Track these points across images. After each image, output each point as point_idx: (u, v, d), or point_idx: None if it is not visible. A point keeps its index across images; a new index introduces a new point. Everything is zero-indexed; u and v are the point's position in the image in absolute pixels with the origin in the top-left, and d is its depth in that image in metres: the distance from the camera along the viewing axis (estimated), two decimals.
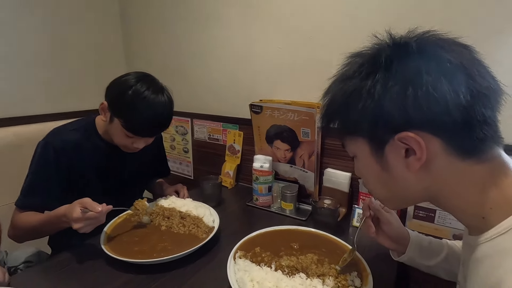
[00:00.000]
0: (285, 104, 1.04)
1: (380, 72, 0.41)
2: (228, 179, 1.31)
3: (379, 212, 0.67)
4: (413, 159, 0.41)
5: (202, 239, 0.81)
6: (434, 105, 0.38)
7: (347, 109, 0.44)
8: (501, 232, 0.38)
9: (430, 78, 0.38)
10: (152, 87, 0.87)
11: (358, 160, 0.50)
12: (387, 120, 0.41)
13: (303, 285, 0.61)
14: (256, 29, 1.17)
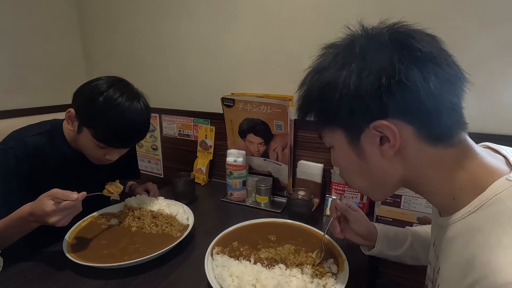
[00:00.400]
0: (258, 97, 1.04)
1: (355, 62, 0.41)
2: (201, 175, 1.28)
3: (347, 211, 0.69)
4: (387, 146, 0.42)
5: (176, 237, 0.78)
6: (406, 93, 0.39)
7: (323, 100, 0.45)
8: (471, 211, 0.40)
9: (402, 67, 0.39)
10: (127, 93, 0.80)
11: (335, 151, 0.50)
12: (363, 109, 0.41)
13: (283, 275, 0.61)
14: (225, 21, 1.14)
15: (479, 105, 0.81)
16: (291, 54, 1.05)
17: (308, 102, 0.48)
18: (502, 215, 0.36)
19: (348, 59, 0.42)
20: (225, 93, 1.14)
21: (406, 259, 0.71)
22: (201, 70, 1.25)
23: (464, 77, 0.42)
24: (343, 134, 0.46)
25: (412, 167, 0.44)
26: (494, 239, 0.34)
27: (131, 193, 1.03)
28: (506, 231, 0.34)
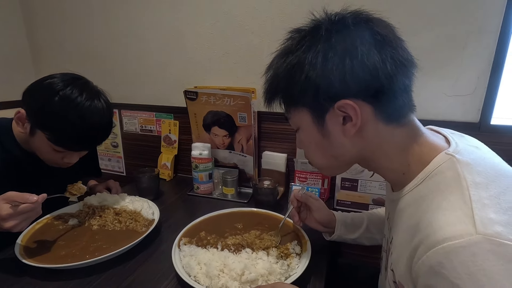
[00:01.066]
0: (221, 89, 1.04)
1: (320, 44, 0.44)
2: (166, 171, 1.25)
3: (308, 200, 0.74)
4: (349, 125, 0.46)
5: (142, 232, 0.77)
6: (367, 74, 0.42)
7: (290, 81, 0.46)
8: (418, 183, 0.45)
9: (364, 49, 0.42)
10: (86, 91, 0.74)
11: (301, 131, 0.52)
12: (328, 90, 0.44)
13: (249, 258, 0.64)
14: (185, 13, 1.12)
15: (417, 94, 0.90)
16: (252, 47, 1.07)
17: (276, 85, 0.50)
18: (442, 184, 0.41)
19: (314, 42, 0.44)
20: (187, 87, 1.12)
21: (363, 241, 0.77)
22: (161, 63, 1.22)
23: (414, 62, 0.46)
24: (309, 115, 0.48)
25: (369, 145, 0.48)
26: (435, 204, 0.39)
27: (91, 193, 0.98)
28: (445, 196, 0.38)
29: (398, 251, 0.47)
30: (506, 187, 0.38)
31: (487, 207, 0.35)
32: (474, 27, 0.84)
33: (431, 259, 0.35)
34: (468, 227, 0.33)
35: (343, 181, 1.06)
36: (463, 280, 0.32)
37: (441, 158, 0.43)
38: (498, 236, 0.32)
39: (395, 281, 0.48)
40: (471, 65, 0.87)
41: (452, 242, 0.33)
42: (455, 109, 0.92)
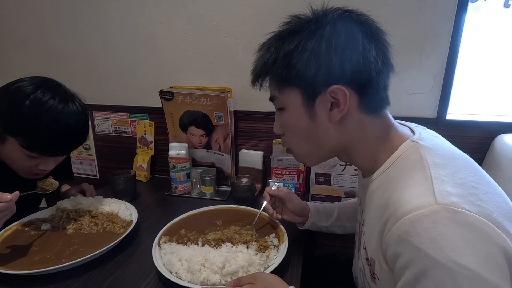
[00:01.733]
0: (197, 89, 1.05)
1: (326, 31, 0.47)
2: (142, 172, 1.24)
3: (280, 193, 0.79)
4: (336, 111, 0.49)
5: (120, 234, 0.76)
6: (363, 66, 0.47)
7: (289, 62, 0.48)
8: (386, 167, 0.50)
9: (365, 43, 0.47)
10: (58, 94, 0.72)
11: (287, 112, 0.53)
12: (325, 75, 0.47)
13: (230, 252, 0.66)
14: (158, 13, 1.12)
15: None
16: (226, 48, 1.09)
17: (270, 64, 0.50)
18: (408, 166, 0.46)
19: (318, 28, 0.47)
20: (163, 87, 1.12)
21: (335, 229, 0.83)
22: (134, 64, 1.20)
23: (393, 65, 0.51)
24: (300, 96, 0.50)
25: (349, 132, 0.52)
26: (402, 183, 0.44)
27: (64, 197, 0.95)
28: (410, 176, 0.44)
29: (370, 229, 0.52)
30: (459, 167, 0.44)
31: (445, 183, 0.40)
32: (429, 31, 0.92)
33: (399, 229, 0.39)
34: (429, 199, 0.39)
35: (317, 176, 1.11)
36: (425, 244, 0.36)
37: (407, 145, 0.49)
38: (454, 205, 0.37)
39: (367, 258, 0.53)
40: (428, 66, 0.96)
41: (416, 212, 0.38)
42: (415, 105, 1.00)
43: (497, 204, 0.39)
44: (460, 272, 0.34)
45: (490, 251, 0.35)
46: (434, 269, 0.36)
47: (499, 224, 0.37)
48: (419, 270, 0.37)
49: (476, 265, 0.34)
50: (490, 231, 0.36)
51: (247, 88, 1.11)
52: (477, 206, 0.37)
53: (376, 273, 0.50)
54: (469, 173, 0.43)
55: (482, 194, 0.40)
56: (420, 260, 0.37)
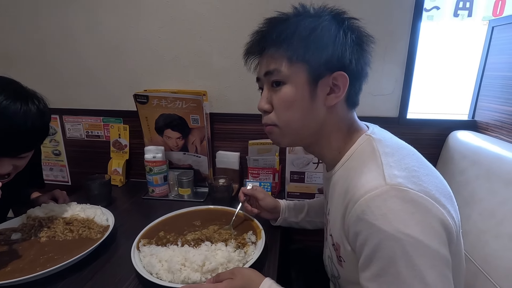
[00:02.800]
0: (172, 93, 1.06)
1: (345, 24, 0.53)
2: (118, 176, 1.22)
3: (254, 191, 0.84)
4: (333, 96, 0.53)
5: (97, 239, 0.76)
6: (364, 64, 0.54)
7: (308, 38, 0.51)
8: (346, 159, 0.56)
9: (366, 46, 0.55)
10: (14, 93, 0.69)
11: (287, 87, 0.54)
12: (337, 59, 0.51)
13: (209, 250, 0.68)
14: (129, 17, 1.11)
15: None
16: (201, 52, 1.11)
17: (289, 35, 0.52)
18: (363, 156, 0.53)
19: (337, 19, 0.53)
20: (137, 90, 1.11)
21: (305, 224, 0.89)
22: (105, 67, 1.18)
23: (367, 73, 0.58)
24: (306, 74, 0.52)
25: (332, 120, 0.56)
26: (359, 171, 0.50)
27: (35, 205, 0.91)
28: (366, 164, 0.50)
29: (334, 216, 0.57)
30: (404, 155, 0.51)
31: (392, 168, 0.47)
32: (390, 37, 1.00)
33: (357, 210, 0.45)
34: (380, 181, 0.45)
35: (292, 174, 1.16)
36: (378, 220, 0.42)
37: (363, 138, 0.56)
38: (400, 185, 0.43)
39: (333, 243, 0.58)
40: (389, 69, 1.04)
41: (370, 194, 0.44)
42: (379, 106, 1.08)
43: (435, 184, 0.46)
44: (407, 240, 0.40)
45: (430, 222, 0.42)
46: (386, 241, 0.41)
47: (437, 199, 0.44)
48: (374, 244, 0.43)
49: (419, 234, 0.41)
50: (430, 205, 0.43)
51: (222, 91, 1.14)
52: (418, 185, 0.44)
53: (342, 256, 0.55)
54: (412, 160, 0.50)
55: (423, 176, 0.46)
56: (375, 234, 0.42)
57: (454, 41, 1.12)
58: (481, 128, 1.03)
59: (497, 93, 0.96)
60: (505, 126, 0.91)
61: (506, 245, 0.65)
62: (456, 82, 1.14)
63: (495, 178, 0.76)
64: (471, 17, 1.11)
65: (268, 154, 1.11)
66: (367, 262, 0.45)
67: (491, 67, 0.99)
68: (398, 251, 0.41)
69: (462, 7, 1.11)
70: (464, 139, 0.97)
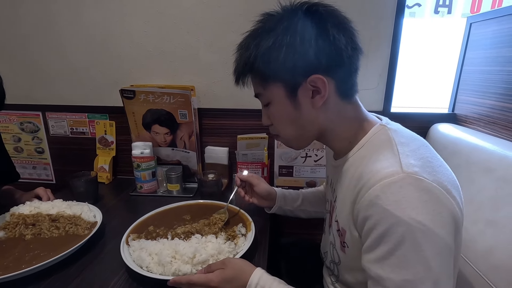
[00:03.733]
0: (159, 88, 1.05)
1: (298, 26, 0.51)
2: (104, 174, 1.20)
3: (250, 178, 0.85)
4: (318, 98, 0.54)
5: (84, 235, 0.75)
6: (335, 54, 0.51)
7: (268, 60, 0.52)
8: (359, 147, 0.57)
9: (334, 33, 0.51)
10: None
11: (273, 106, 0.58)
12: (303, 67, 0.51)
13: (199, 242, 0.69)
14: (114, 11, 1.09)
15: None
16: (188, 46, 1.10)
17: (251, 63, 0.53)
18: (378, 144, 0.54)
19: (291, 24, 0.51)
20: (123, 85, 1.10)
21: (299, 213, 0.90)
22: (91, 62, 1.16)
23: (362, 49, 0.55)
24: (283, 89, 0.54)
25: (329, 117, 0.57)
26: (374, 158, 0.51)
27: (13, 203, 0.88)
28: (380, 152, 0.51)
29: (342, 202, 0.58)
30: (418, 145, 0.52)
31: (409, 157, 0.48)
32: (374, 33, 1.03)
33: (371, 194, 0.46)
34: (397, 169, 0.46)
35: (281, 168, 1.18)
36: (391, 205, 0.43)
37: (377, 128, 0.57)
38: (416, 174, 0.45)
39: (338, 229, 0.59)
40: (374, 64, 1.07)
41: (386, 180, 0.45)
42: (364, 100, 1.07)
43: (446, 175, 0.48)
44: (417, 227, 0.42)
45: (441, 212, 0.44)
46: (397, 226, 0.43)
47: (449, 190, 0.45)
48: (385, 229, 0.44)
49: (429, 222, 0.42)
50: (442, 196, 0.44)
51: (210, 86, 1.14)
52: (432, 176, 0.45)
53: (346, 242, 0.56)
54: (426, 151, 0.51)
55: (436, 167, 0.48)
56: (387, 219, 0.44)
57: (435, 37, 1.16)
58: (460, 120, 1.08)
59: (474, 87, 1.00)
60: (482, 118, 0.96)
61: (482, 230, 0.69)
62: (438, 76, 1.18)
63: (473, 167, 0.80)
64: (451, 14, 1.15)
65: (257, 149, 1.11)
66: (374, 245, 0.46)
67: (469, 62, 1.03)
68: (407, 236, 0.42)
69: (442, 4, 1.15)
70: (445, 131, 1.01)
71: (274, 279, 0.57)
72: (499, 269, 0.63)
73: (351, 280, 0.61)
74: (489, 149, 0.78)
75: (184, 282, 0.58)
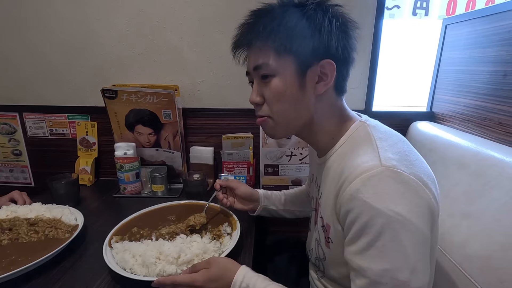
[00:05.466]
0: (143, 87, 1.04)
1: (329, 12, 0.53)
2: (86, 176, 1.17)
3: (229, 183, 0.85)
4: (322, 84, 0.55)
5: (65, 238, 0.73)
6: (350, 50, 0.55)
7: (293, 30, 0.52)
8: (341, 144, 0.59)
9: (351, 27, 0.55)
10: None
11: (277, 79, 0.55)
12: (323, 49, 0.53)
13: (184, 242, 0.68)
14: (95, 9, 1.07)
15: None
16: (171, 46, 1.09)
17: (275, 28, 0.53)
18: (358, 140, 0.55)
19: (320, 7, 0.53)
20: (105, 85, 1.07)
21: (284, 213, 0.91)
22: (71, 61, 1.13)
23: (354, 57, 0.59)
24: (294, 65, 0.54)
25: (323, 108, 0.58)
26: (355, 154, 0.52)
27: None
28: (360, 147, 0.52)
29: (326, 198, 0.59)
30: (396, 140, 0.54)
31: (387, 151, 0.50)
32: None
33: (351, 188, 0.47)
34: (376, 163, 0.47)
35: (266, 167, 1.18)
36: (371, 198, 0.45)
37: (357, 124, 0.59)
38: (394, 167, 0.46)
39: (323, 225, 0.60)
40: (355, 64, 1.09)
41: (366, 174, 0.46)
42: (347, 99, 1.12)
43: (422, 168, 0.50)
44: (395, 218, 0.43)
45: (418, 203, 0.45)
46: (376, 218, 0.44)
47: (425, 183, 0.47)
48: (365, 221, 0.45)
49: (407, 213, 0.44)
50: (418, 188, 0.46)
51: (194, 85, 1.13)
52: (410, 168, 0.47)
53: (330, 237, 0.57)
54: (403, 145, 0.53)
55: (413, 160, 0.50)
56: (367, 212, 0.45)
57: (413, 38, 1.19)
58: (438, 118, 1.12)
59: (450, 86, 1.05)
60: (457, 116, 1.00)
61: (458, 223, 0.72)
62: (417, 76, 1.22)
63: (449, 162, 0.83)
64: (428, 16, 1.19)
65: (242, 148, 1.12)
66: (355, 238, 0.47)
67: (445, 62, 1.08)
68: (386, 227, 0.44)
69: (420, 7, 1.19)
70: (423, 129, 1.05)
71: (258, 276, 0.58)
72: (473, 259, 0.66)
73: (336, 275, 0.62)
74: (463, 145, 0.82)
75: (169, 283, 0.58)
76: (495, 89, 0.84)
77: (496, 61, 0.84)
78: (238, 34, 0.59)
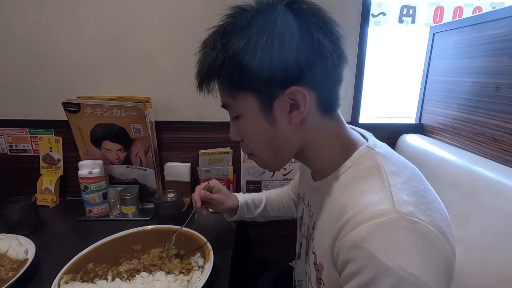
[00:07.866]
0: (110, 100, 0.95)
1: (278, 26, 0.41)
2: (49, 196, 1.06)
3: (211, 199, 0.77)
4: (296, 113, 0.46)
5: (8, 279, 0.63)
6: (320, 64, 0.43)
7: (238, 64, 0.42)
8: (343, 171, 0.49)
9: (319, 37, 0.42)
10: None
11: (243, 119, 0.49)
12: (281, 75, 0.43)
13: (145, 283, 0.60)
14: (59, 14, 0.97)
15: None
16: (143, 54, 1.00)
17: (217, 66, 0.44)
18: (364, 171, 0.46)
19: (268, 22, 0.42)
20: (69, 97, 0.98)
21: (259, 218, 0.87)
22: (31, 70, 1.02)
23: (347, 57, 0.48)
24: (256, 101, 0.46)
25: (309, 134, 0.49)
26: (360, 189, 0.43)
27: None
28: (367, 182, 0.43)
29: (321, 234, 0.51)
30: (410, 175, 0.45)
31: (401, 191, 0.41)
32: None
33: (356, 235, 0.39)
34: (388, 207, 0.39)
35: (248, 183, 1.11)
36: (380, 251, 0.36)
37: (363, 150, 0.49)
38: (410, 215, 0.38)
39: (315, 263, 0.51)
40: None
41: (376, 220, 0.38)
42: None
43: (440, 212, 0.42)
44: (408, 279, 0.35)
45: (436, 261, 0.37)
46: (384, 276, 0.36)
47: (444, 233, 0.39)
48: (369, 278, 0.37)
49: (422, 273, 0.36)
50: (438, 242, 0.38)
51: (168, 97, 1.05)
52: (428, 216, 0.39)
53: (323, 279, 0.49)
54: (418, 182, 0.44)
55: (430, 203, 0.41)
56: (372, 267, 0.37)
57: (400, 47, 1.15)
58: (427, 131, 1.06)
59: (438, 97, 1.00)
60: (447, 129, 0.95)
61: None
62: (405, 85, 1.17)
63: (440, 180, 0.77)
64: (414, 23, 1.15)
65: (221, 164, 1.04)
66: None
67: (433, 71, 1.03)
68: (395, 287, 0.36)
69: (406, 14, 1.14)
70: (412, 142, 0.99)
71: None
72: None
73: None
74: (456, 163, 0.76)
75: None
76: (486, 102, 0.79)
77: (486, 72, 0.79)
78: (197, 70, 0.50)
